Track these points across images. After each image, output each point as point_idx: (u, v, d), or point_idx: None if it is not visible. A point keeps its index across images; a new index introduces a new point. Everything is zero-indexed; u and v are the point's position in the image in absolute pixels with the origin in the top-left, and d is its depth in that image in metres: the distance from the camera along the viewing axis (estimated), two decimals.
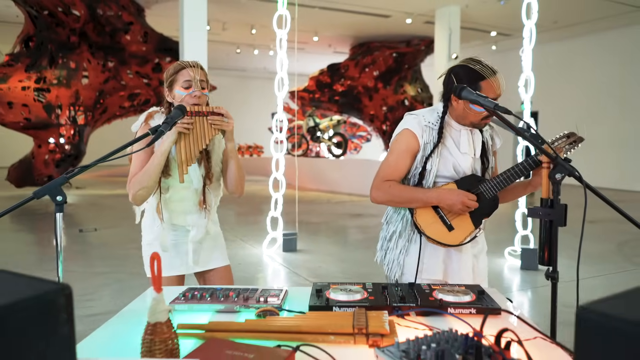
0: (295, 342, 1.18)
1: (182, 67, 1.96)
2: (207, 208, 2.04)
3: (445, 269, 1.94)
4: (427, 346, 1.06)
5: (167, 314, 1.09)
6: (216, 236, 2.16)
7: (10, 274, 0.88)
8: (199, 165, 2.02)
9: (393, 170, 1.92)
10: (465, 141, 1.91)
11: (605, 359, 0.71)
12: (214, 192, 2.09)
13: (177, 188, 1.99)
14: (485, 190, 1.89)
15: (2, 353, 0.73)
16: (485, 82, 1.79)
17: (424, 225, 1.90)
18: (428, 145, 1.89)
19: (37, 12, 9.99)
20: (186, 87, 1.94)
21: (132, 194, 1.93)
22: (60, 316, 0.81)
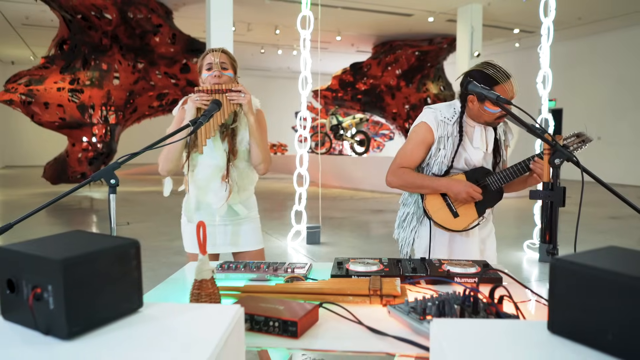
0: (318, 301, 1.38)
1: (206, 52, 2.20)
2: (229, 182, 2.15)
3: (451, 252, 2.11)
4: (432, 303, 1.25)
5: (211, 273, 1.29)
6: (249, 219, 2.27)
7: (89, 232, 1.10)
8: (222, 141, 2.16)
9: (408, 158, 2.10)
10: (478, 137, 2.07)
11: (567, 291, 0.89)
12: (243, 172, 2.19)
13: (204, 165, 2.16)
14: (491, 183, 2.05)
15: (95, 284, 0.94)
16: (499, 87, 1.92)
17: (432, 210, 2.07)
18: (442, 138, 2.06)
19: (71, 16, 10.41)
20: (208, 69, 2.17)
21: (161, 165, 2.16)
22: (132, 262, 1.02)
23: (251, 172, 2.26)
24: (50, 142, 15.59)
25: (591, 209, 8.75)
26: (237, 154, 2.17)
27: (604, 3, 11.52)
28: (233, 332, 0.99)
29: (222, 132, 2.17)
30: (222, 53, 2.19)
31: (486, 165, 2.11)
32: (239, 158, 2.18)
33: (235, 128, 2.18)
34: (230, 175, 2.16)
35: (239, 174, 2.20)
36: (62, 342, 0.90)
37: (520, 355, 0.85)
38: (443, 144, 2.06)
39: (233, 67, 2.22)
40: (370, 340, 1.18)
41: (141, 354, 0.86)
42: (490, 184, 2.05)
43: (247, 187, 2.26)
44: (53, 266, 0.89)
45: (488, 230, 2.22)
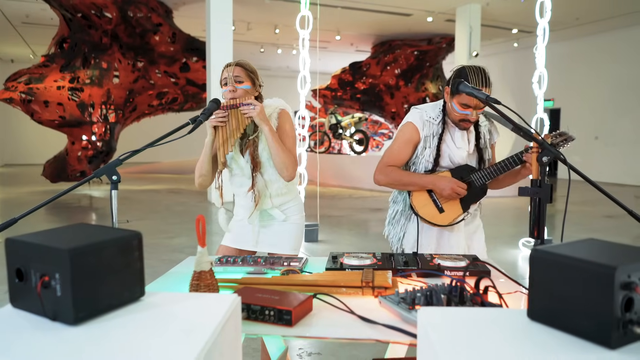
0: (313, 292, 1.43)
1: (223, 68, 2.22)
2: (255, 192, 2.19)
3: (438, 246, 2.20)
4: (421, 293, 1.30)
5: (210, 265, 1.35)
6: (288, 224, 2.29)
7: (95, 225, 1.16)
8: (245, 152, 2.21)
9: (395, 157, 2.19)
10: (459, 137, 2.15)
11: (545, 280, 0.95)
12: (270, 179, 2.21)
13: (236, 176, 2.25)
14: (475, 180, 2.14)
15: (100, 273, 1.00)
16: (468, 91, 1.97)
17: (418, 206, 2.16)
18: (428, 137, 2.15)
19: (72, 15, 10.45)
20: (224, 85, 2.19)
21: (195, 179, 2.26)
22: (134, 253, 1.08)
23: (280, 179, 2.24)
24: (50, 141, 15.62)
25: (587, 207, 8.82)
26: (259, 164, 2.19)
27: (602, 3, 11.58)
28: (230, 320, 1.05)
29: (245, 144, 2.22)
30: (236, 67, 2.19)
31: (471, 163, 2.19)
32: (263, 167, 2.20)
33: (256, 138, 2.20)
34: (256, 185, 2.20)
35: (266, 182, 2.22)
36: (68, 328, 0.95)
37: (501, 340, 0.90)
38: (429, 143, 2.15)
39: (250, 78, 2.21)
40: (362, 328, 1.23)
41: (143, 338, 0.91)
42: (474, 180, 2.14)
43: (282, 193, 2.25)
44: (61, 255, 0.95)
45: (475, 226, 2.31)
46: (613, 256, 0.91)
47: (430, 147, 2.15)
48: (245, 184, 2.23)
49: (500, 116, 1.83)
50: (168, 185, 12.30)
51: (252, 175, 2.19)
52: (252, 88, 2.21)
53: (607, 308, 0.83)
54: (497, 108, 1.82)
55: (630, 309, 0.85)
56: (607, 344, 0.84)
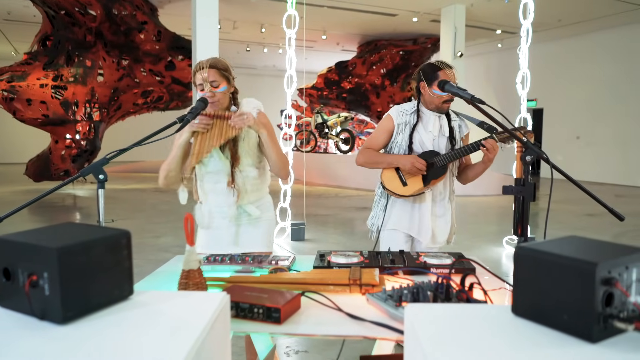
0: (301, 290, 1.44)
1: (195, 70, 2.16)
2: (235, 187, 2.20)
3: (410, 222, 2.50)
4: (408, 291, 1.32)
5: (198, 263, 1.35)
6: (263, 221, 2.30)
7: (83, 224, 1.16)
8: (224, 148, 2.19)
9: (373, 142, 2.58)
10: (431, 123, 2.48)
11: (529, 276, 0.97)
12: (249, 175, 2.22)
13: (211, 173, 2.22)
14: (437, 161, 2.42)
15: (89, 271, 1.00)
16: (442, 72, 2.40)
17: (385, 180, 2.50)
18: (401, 125, 2.50)
19: (55, 12, 10.32)
20: (201, 90, 2.14)
21: (160, 179, 2.21)
22: (123, 252, 1.08)
23: (259, 175, 2.27)
24: (32, 139, 15.42)
25: (568, 206, 8.94)
26: (239, 159, 2.19)
27: (583, 5, 11.74)
28: (219, 318, 1.05)
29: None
30: (210, 69, 2.14)
31: (439, 149, 2.47)
32: (243, 163, 2.20)
33: (237, 135, 2.19)
34: (236, 180, 2.20)
35: (245, 178, 2.22)
36: (57, 326, 0.94)
37: (486, 335, 0.92)
38: (401, 130, 2.50)
39: (225, 78, 2.18)
40: (350, 325, 1.25)
41: (132, 337, 0.91)
42: (436, 162, 2.42)
43: (257, 189, 2.28)
44: (49, 254, 0.94)
45: (443, 210, 2.55)
46: (594, 253, 0.93)
47: (403, 133, 2.49)
48: (221, 181, 2.21)
49: (485, 114, 1.86)
50: (153, 184, 12.20)
51: (232, 171, 2.19)
52: (228, 87, 2.20)
53: (589, 303, 0.86)
54: (481, 107, 1.85)
55: (611, 304, 0.87)
56: (588, 337, 0.86)
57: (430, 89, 2.43)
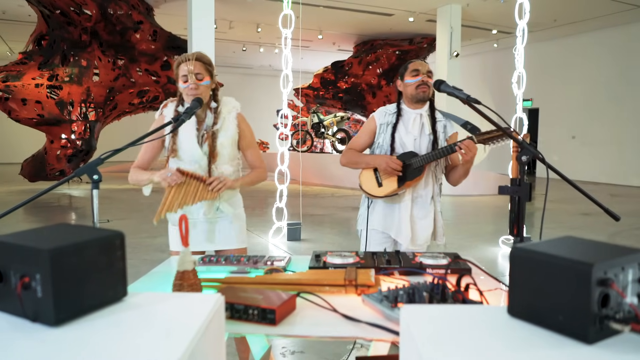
0: (296, 291, 1.44)
1: (180, 61, 2.17)
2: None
3: (389, 223, 2.49)
4: (404, 291, 1.32)
5: (193, 264, 1.35)
6: (233, 218, 2.31)
7: (77, 225, 1.15)
8: (203, 143, 2.19)
9: (356, 143, 2.61)
10: (411, 122, 2.47)
11: (524, 277, 0.97)
12: (224, 173, 2.22)
13: (186, 166, 2.18)
14: (414, 162, 2.39)
15: (82, 273, 0.99)
16: (411, 63, 2.46)
17: (362, 181, 2.52)
18: (383, 125, 2.51)
19: (50, 12, 10.27)
20: (185, 81, 2.14)
21: (130, 180, 2.26)
22: (116, 253, 1.07)
23: (233, 172, 2.28)
24: (28, 139, 15.36)
25: (563, 205, 8.97)
26: (217, 156, 2.20)
27: (579, 5, 11.77)
28: (214, 319, 1.05)
29: (203, 136, 2.20)
30: (196, 62, 2.16)
31: (422, 149, 2.45)
32: (220, 161, 2.21)
33: (216, 131, 2.20)
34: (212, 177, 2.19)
35: (220, 175, 2.22)
36: (49, 329, 0.93)
37: (481, 337, 0.92)
38: (383, 130, 2.50)
39: (209, 72, 2.21)
40: (345, 326, 1.24)
41: (125, 339, 0.90)
42: (413, 163, 2.39)
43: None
44: (41, 256, 0.93)
45: (424, 212, 2.50)
46: (590, 253, 0.93)
47: (384, 133, 2.48)
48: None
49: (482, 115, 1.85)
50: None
51: (209, 167, 2.19)
52: (211, 82, 2.22)
53: (585, 304, 0.85)
54: (477, 107, 1.85)
55: (607, 305, 0.87)
56: (584, 339, 0.86)
57: (403, 81, 2.47)
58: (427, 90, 2.44)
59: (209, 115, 2.24)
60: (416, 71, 2.43)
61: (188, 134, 2.19)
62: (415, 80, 2.42)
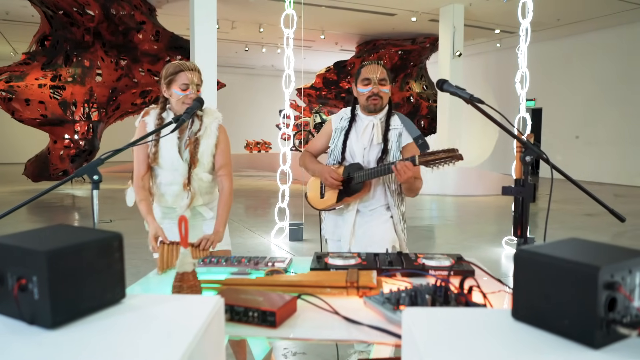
0: (297, 293, 1.42)
1: (182, 69, 2.16)
2: (190, 190, 2.21)
3: (335, 231, 2.44)
4: (406, 294, 1.30)
5: (192, 266, 1.33)
6: (213, 221, 2.28)
7: (74, 226, 1.13)
8: (185, 149, 2.20)
9: (313, 145, 2.54)
10: (361, 132, 2.34)
11: (529, 279, 0.96)
12: (204, 179, 2.24)
13: (165, 173, 2.22)
14: (356, 177, 2.26)
15: (79, 275, 0.98)
16: (364, 69, 2.30)
17: (308, 189, 2.47)
18: (337, 130, 2.41)
19: (53, 12, 10.28)
20: (184, 89, 2.14)
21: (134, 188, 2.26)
22: (114, 255, 1.06)
23: (212, 179, 2.31)
24: (31, 139, 15.39)
25: (567, 206, 8.93)
26: (197, 163, 2.21)
27: (583, 5, 11.73)
28: (213, 322, 1.03)
29: (185, 142, 2.21)
30: (197, 73, 2.21)
31: (370, 158, 2.32)
32: (199, 167, 2.22)
33: (199, 137, 2.21)
34: (192, 183, 2.22)
35: (200, 182, 2.25)
36: (46, 331, 0.92)
37: (485, 340, 0.90)
38: (337, 135, 2.40)
39: (202, 83, 2.26)
40: (346, 329, 1.22)
41: (123, 342, 0.89)
42: (355, 177, 2.27)
43: (209, 192, 2.33)
44: (38, 258, 0.92)
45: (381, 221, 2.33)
46: (596, 256, 0.91)
47: (338, 139, 2.38)
48: (176, 182, 2.23)
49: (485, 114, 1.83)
50: None
51: (189, 173, 2.20)
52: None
53: (591, 308, 0.84)
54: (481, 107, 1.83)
55: (614, 309, 0.85)
56: (590, 344, 0.84)
57: (356, 88, 2.34)
58: (378, 102, 2.29)
59: (196, 122, 2.24)
60: (367, 80, 2.28)
61: (170, 141, 2.19)
62: (366, 91, 2.28)
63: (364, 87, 2.27)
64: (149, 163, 2.21)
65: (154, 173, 2.25)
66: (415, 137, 2.18)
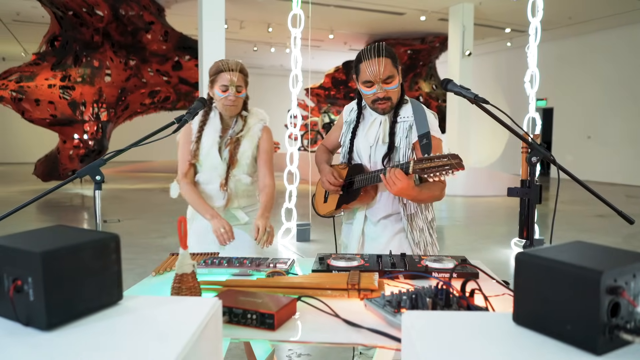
0: (298, 295, 1.41)
1: (221, 69, 2.12)
2: (227, 190, 2.18)
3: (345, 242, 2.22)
4: (407, 297, 1.28)
5: (192, 267, 1.32)
6: (248, 227, 2.25)
7: (72, 227, 1.13)
8: (224, 148, 2.17)
9: (328, 138, 2.33)
10: (367, 129, 2.06)
11: (531, 283, 0.94)
12: (242, 181, 2.20)
13: (204, 171, 2.21)
14: (355, 182, 2.03)
15: (75, 276, 0.97)
16: (362, 64, 1.94)
17: (316, 192, 2.29)
18: (346, 123, 2.18)
19: (63, 13, 10.37)
20: (224, 91, 2.11)
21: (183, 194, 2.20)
22: (111, 256, 1.05)
23: (252, 182, 2.26)
24: (41, 139, 15.52)
25: (578, 207, 8.84)
26: (235, 164, 2.17)
27: (595, 3, 11.61)
28: (209, 324, 1.02)
29: (225, 141, 2.18)
30: (239, 73, 2.14)
31: (376, 162, 2.05)
32: (238, 168, 2.19)
33: (240, 138, 2.18)
34: (229, 184, 2.18)
35: (238, 183, 2.21)
36: (41, 333, 0.92)
37: (484, 345, 0.88)
38: (346, 129, 2.16)
39: (246, 84, 2.19)
40: (346, 332, 1.21)
41: (117, 344, 0.88)
42: (355, 182, 2.04)
43: (248, 195, 2.27)
44: (33, 259, 0.92)
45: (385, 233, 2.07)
46: (599, 260, 0.89)
47: (346, 134, 2.15)
48: (214, 181, 2.20)
49: (490, 114, 1.80)
50: (161, 184, 12.22)
51: (227, 174, 2.17)
52: (246, 93, 2.21)
53: (593, 313, 0.81)
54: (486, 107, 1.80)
55: (617, 314, 0.83)
56: (593, 350, 0.82)
57: (359, 85, 2.01)
58: (386, 104, 1.96)
59: (239, 122, 2.21)
60: (369, 83, 1.94)
61: (210, 139, 2.17)
62: (370, 93, 1.96)
63: (366, 88, 1.95)
64: (190, 160, 2.19)
65: (195, 170, 2.23)
66: (421, 134, 1.91)
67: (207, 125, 2.21)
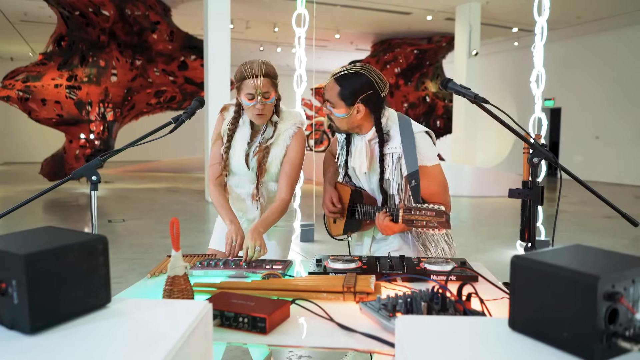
0: (292, 297, 1.38)
1: (245, 76, 1.94)
2: (260, 201, 2.07)
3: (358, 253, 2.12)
4: (402, 300, 1.25)
5: (184, 269, 1.30)
6: (280, 230, 2.18)
7: (61, 229, 1.11)
8: (254, 155, 2.05)
9: (333, 143, 2.23)
10: (358, 148, 1.95)
11: (526, 288, 0.91)
12: (269, 189, 2.10)
13: (236, 176, 2.10)
14: (357, 212, 1.95)
15: (61, 279, 0.95)
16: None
17: None
18: (340, 141, 2.08)
19: (69, 13, 10.41)
20: (250, 99, 1.95)
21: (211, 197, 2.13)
22: (99, 258, 1.03)
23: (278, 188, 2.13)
24: (48, 139, 15.61)
25: (586, 208, 8.75)
26: (264, 172, 2.05)
27: (603, 2, 11.51)
28: (198, 328, 1.00)
29: (254, 149, 2.06)
30: (264, 79, 1.94)
31: (372, 189, 1.97)
32: (268, 176, 2.08)
33: (269, 145, 2.04)
34: (261, 193, 2.07)
35: (269, 192, 2.11)
36: (25, 337, 0.91)
37: (479, 352, 0.86)
38: (340, 147, 2.07)
39: (275, 87, 2.01)
40: (340, 336, 1.18)
41: (102, 348, 0.87)
42: (357, 212, 1.95)
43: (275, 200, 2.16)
44: (16, 261, 0.90)
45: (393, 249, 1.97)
46: (597, 264, 0.86)
47: (341, 152, 2.05)
48: (242, 185, 2.10)
49: (493, 116, 1.77)
50: (166, 184, 12.24)
51: (258, 183, 2.06)
52: (276, 96, 2.02)
53: (590, 320, 0.79)
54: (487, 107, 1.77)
55: (615, 321, 0.80)
56: (590, 358, 0.79)
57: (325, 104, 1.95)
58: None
59: (269, 128, 2.06)
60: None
61: (240, 144, 2.06)
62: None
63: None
64: (221, 172, 2.08)
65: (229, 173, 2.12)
66: (410, 173, 1.80)
67: (236, 132, 2.08)
